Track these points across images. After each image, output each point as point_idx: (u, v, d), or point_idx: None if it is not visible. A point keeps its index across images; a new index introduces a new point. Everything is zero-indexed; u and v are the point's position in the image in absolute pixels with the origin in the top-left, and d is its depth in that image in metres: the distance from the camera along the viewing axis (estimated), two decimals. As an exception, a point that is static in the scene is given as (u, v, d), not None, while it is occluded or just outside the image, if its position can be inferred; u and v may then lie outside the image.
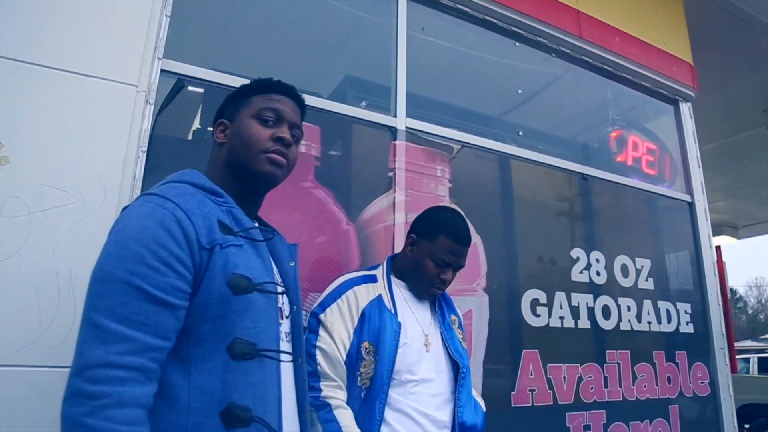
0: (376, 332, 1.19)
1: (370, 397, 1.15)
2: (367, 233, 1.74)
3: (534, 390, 1.96)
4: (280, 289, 0.91)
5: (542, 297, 2.08)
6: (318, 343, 1.18)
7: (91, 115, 1.36)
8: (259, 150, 0.94)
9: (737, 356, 8.44)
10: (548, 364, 2.03)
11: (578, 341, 2.14)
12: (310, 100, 1.73)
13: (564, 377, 2.06)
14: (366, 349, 1.18)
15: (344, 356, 1.17)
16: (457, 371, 1.27)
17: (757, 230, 8.22)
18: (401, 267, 1.34)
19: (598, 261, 2.30)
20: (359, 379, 1.16)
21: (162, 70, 1.53)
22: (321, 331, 1.19)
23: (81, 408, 0.68)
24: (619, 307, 2.31)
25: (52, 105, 1.32)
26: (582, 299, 2.20)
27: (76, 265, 1.26)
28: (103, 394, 0.69)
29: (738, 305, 32.35)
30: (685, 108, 2.91)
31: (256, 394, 0.80)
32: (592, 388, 2.13)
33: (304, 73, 2.10)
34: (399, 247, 1.75)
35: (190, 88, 1.61)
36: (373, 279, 1.30)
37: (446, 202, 1.92)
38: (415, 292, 1.32)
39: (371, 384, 1.16)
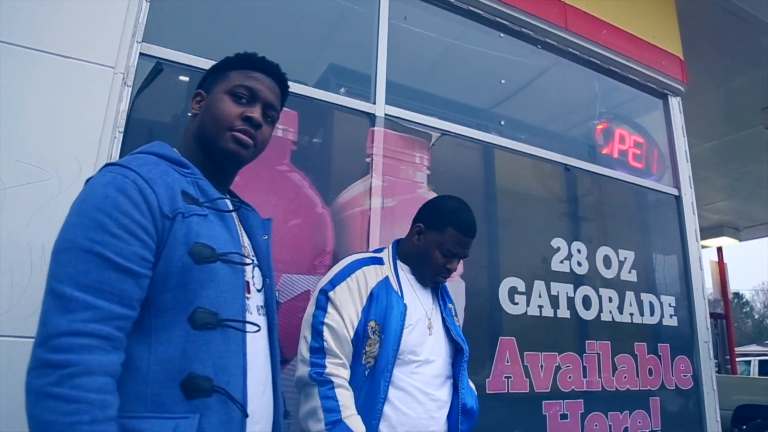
0: (383, 312, 1.23)
1: (374, 376, 1.19)
2: (343, 217, 1.76)
3: (510, 377, 1.97)
4: (247, 260, 0.90)
5: (520, 285, 2.09)
6: (326, 320, 1.20)
7: (68, 95, 1.40)
8: (225, 127, 0.92)
9: (739, 359, 8.40)
10: (525, 352, 2.04)
11: (557, 330, 2.15)
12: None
13: (541, 365, 2.07)
14: (372, 328, 1.21)
15: (352, 334, 1.20)
16: (454, 355, 1.33)
17: (759, 232, 8.15)
18: (406, 253, 1.38)
19: (579, 251, 2.30)
20: (364, 357, 1.20)
21: (142, 54, 1.56)
22: (330, 309, 1.22)
23: (47, 378, 0.66)
24: (600, 297, 2.31)
25: (29, 84, 1.35)
26: (562, 289, 2.20)
27: (49, 239, 1.25)
28: (69, 362, 0.67)
29: (744, 310, 32.01)
30: (675, 102, 2.90)
31: (217, 365, 0.79)
32: (570, 378, 2.13)
33: (287, 61, 2.13)
34: (374, 232, 1.78)
35: (172, 72, 1.64)
36: (380, 261, 1.34)
37: (424, 189, 1.94)
38: (419, 278, 1.36)
39: (375, 363, 1.19)
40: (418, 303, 1.31)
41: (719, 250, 8.32)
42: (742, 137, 5.02)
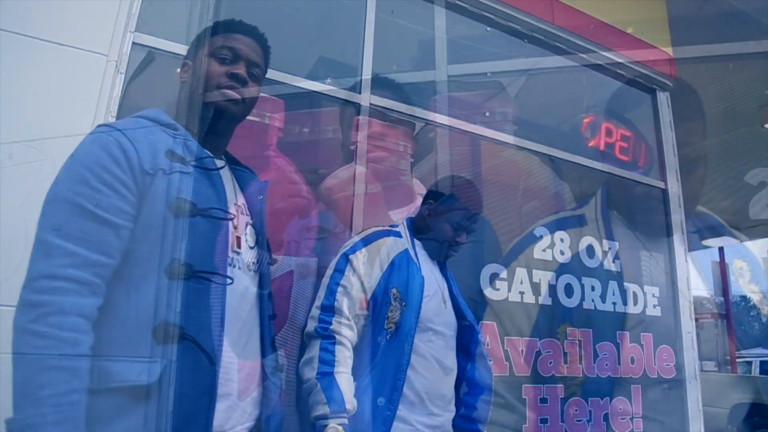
0: (404, 281, 1.31)
1: (398, 340, 1.27)
2: (327, 202, 1.83)
3: (490, 361, 2.02)
4: (230, 216, 0.95)
5: (502, 271, 2.15)
6: (342, 282, 1.28)
7: (63, 81, 1.48)
8: (212, 85, 0.99)
9: (740, 359, 8.34)
10: (505, 337, 2.09)
11: (538, 317, 2.20)
12: (276, 75, 1.83)
13: (521, 350, 2.12)
14: (394, 295, 1.29)
15: (369, 296, 1.27)
16: (459, 330, 1.44)
17: (762, 232, 8.09)
18: (418, 229, 1.48)
19: (562, 240, 2.35)
20: (386, 322, 1.27)
21: (134, 43, 1.64)
22: (348, 271, 1.29)
23: (27, 316, 0.75)
24: (582, 286, 2.35)
25: (25, 69, 1.43)
26: (544, 276, 2.25)
27: (43, 216, 1.37)
28: (45, 302, 0.75)
29: (751, 313, 31.70)
30: (663, 97, 2.94)
31: (189, 315, 0.85)
32: (550, 363, 2.18)
33: (279, 55, 2.19)
34: (357, 217, 1.84)
35: (163, 61, 1.71)
36: (398, 234, 1.43)
37: (407, 176, 2.00)
38: (430, 253, 1.46)
39: (397, 328, 1.27)
40: (433, 277, 1.40)
41: (721, 250, 8.28)
42: (741, 136, 5.02)
